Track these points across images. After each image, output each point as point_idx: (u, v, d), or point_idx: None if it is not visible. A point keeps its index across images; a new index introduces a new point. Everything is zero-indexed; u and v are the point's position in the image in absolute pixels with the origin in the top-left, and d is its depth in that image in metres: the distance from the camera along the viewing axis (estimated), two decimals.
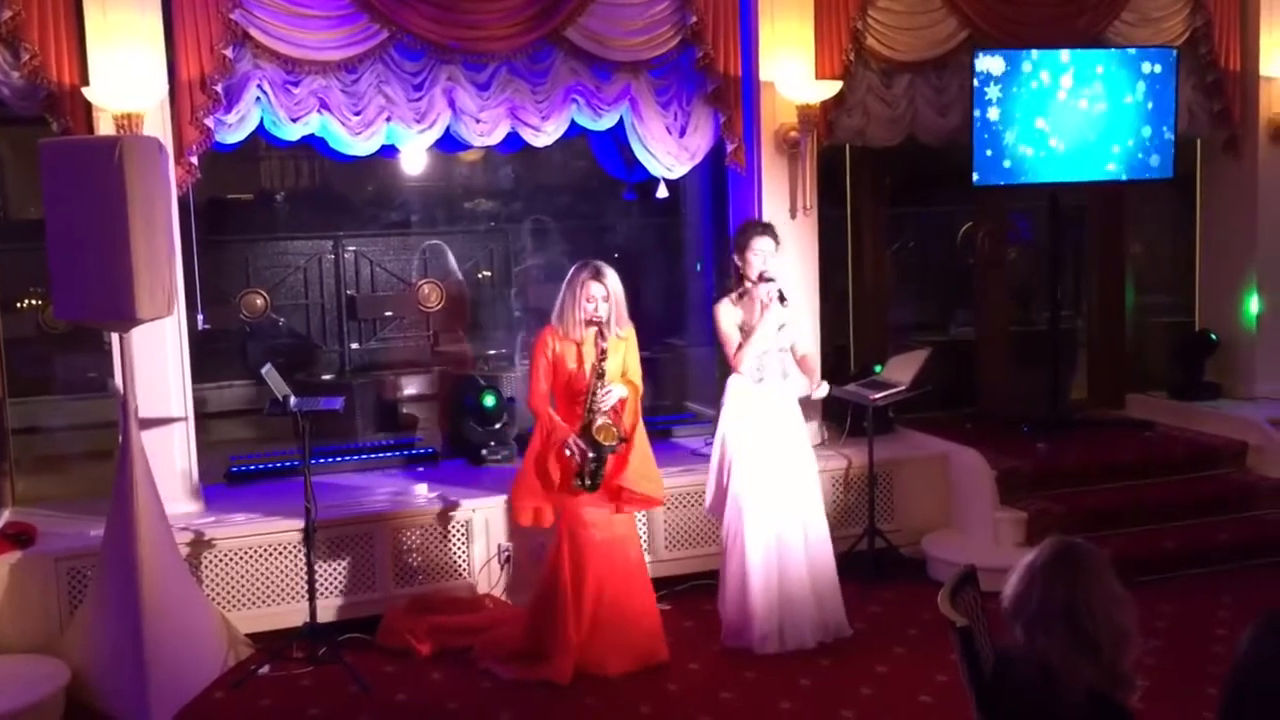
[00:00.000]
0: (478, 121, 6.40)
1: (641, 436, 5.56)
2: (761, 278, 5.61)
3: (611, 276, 5.41)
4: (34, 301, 7.96)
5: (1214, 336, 8.15)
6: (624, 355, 5.50)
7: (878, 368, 7.06)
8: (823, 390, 5.99)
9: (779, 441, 5.66)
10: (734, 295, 5.73)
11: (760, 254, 5.65)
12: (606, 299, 5.38)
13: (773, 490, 5.62)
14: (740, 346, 5.62)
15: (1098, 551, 2.83)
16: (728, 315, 5.68)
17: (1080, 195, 8.23)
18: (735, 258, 5.76)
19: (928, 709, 5.04)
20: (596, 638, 5.41)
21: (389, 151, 6.83)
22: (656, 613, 5.68)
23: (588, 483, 5.38)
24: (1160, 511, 6.86)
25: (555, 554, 5.49)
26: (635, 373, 5.57)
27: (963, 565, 3.40)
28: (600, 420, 5.36)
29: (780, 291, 5.58)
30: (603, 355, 5.37)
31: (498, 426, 7.03)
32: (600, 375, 5.37)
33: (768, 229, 5.81)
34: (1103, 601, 2.72)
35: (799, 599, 5.64)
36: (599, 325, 5.37)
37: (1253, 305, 7.76)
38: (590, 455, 5.35)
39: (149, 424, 5.77)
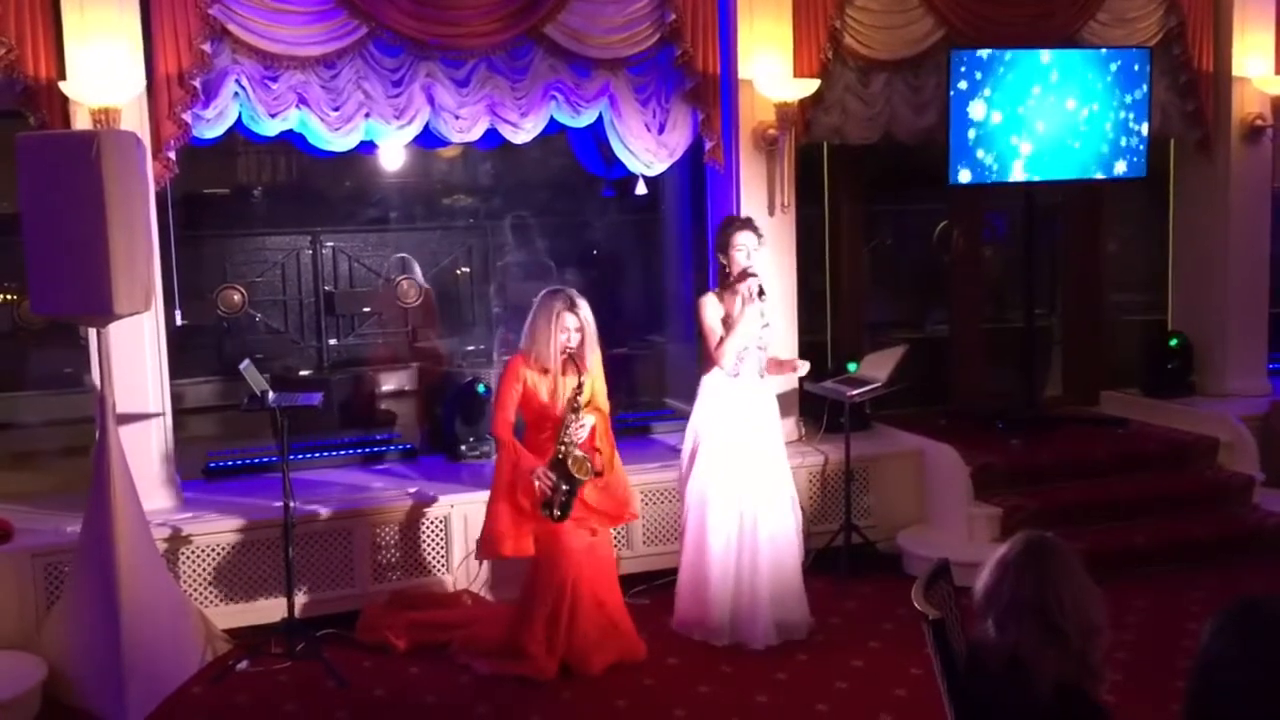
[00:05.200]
0: (457, 118, 6.41)
1: (616, 460, 5.65)
2: (745, 273, 5.65)
3: (584, 306, 5.43)
4: (10, 296, 7.91)
5: (1174, 341, 8.24)
6: (592, 382, 5.51)
7: (851, 366, 7.10)
8: (804, 368, 5.94)
9: (751, 437, 5.69)
10: (718, 290, 5.77)
11: (743, 249, 5.70)
12: (580, 329, 5.40)
13: (740, 484, 5.65)
14: (722, 340, 5.65)
15: (1067, 546, 2.87)
16: (711, 309, 5.71)
17: (1055, 194, 8.28)
18: (719, 255, 5.78)
19: (902, 702, 5.08)
20: (579, 637, 5.43)
21: (367, 147, 6.82)
22: (624, 608, 5.70)
23: (557, 514, 5.34)
24: (1133, 507, 6.93)
25: (535, 561, 5.50)
26: (603, 399, 5.61)
27: (937, 560, 3.44)
28: (576, 454, 5.35)
29: (760, 286, 5.62)
30: (579, 390, 5.39)
31: (481, 422, 7.04)
32: (575, 410, 5.39)
33: (748, 224, 5.84)
34: (1072, 595, 2.76)
35: (758, 596, 5.66)
36: (573, 355, 5.40)
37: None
38: (563, 488, 5.33)
39: (126, 420, 5.76)
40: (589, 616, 5.46)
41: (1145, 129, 7.59)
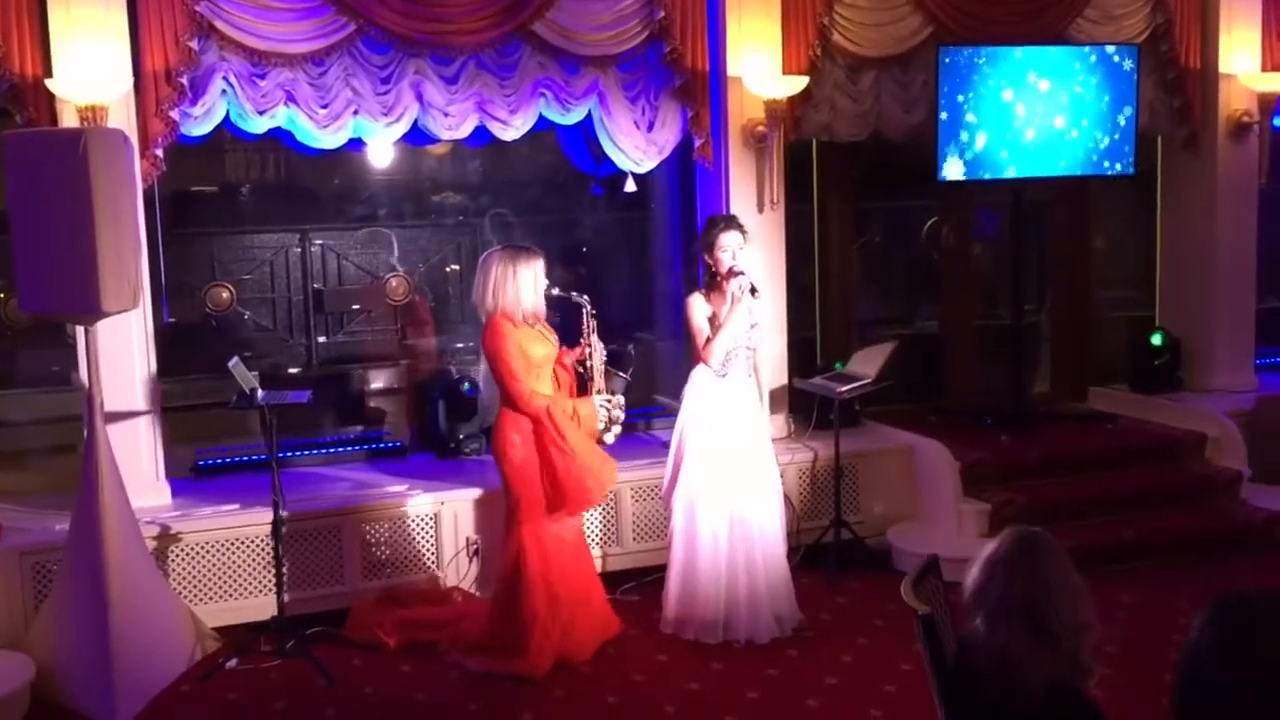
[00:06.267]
0: (446, 115, 6.40)
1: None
2: (731, 272, 5.66)
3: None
4: None
5: (1157, 337, 8.25)
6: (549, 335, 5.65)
7: (839, 364, 7.11)
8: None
9: (738, 436, 5.70)
10: (704, 290, 5.78)
11: (729, 249, 5.70)
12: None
13: (727, 483, 5.67)
14: (709, 340, 5.66)
15: (1055, 542, 2.88)
16: (699, 309, 5.72)
17: (1043, 190, 8.30)
18: (705, 256, 5.79)
19: (892, 698, 5.10)
20: (572, 625, 5.46)
21: (356, 145, 6.81)
22: (600, 584, 5.77)
23: (616, 429, 5.62)
24: (1121, 503, 6.96)
25: (518, 547, 5.46)
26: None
27: (927, 556, 3.45)
28: (606, 369, 5.62)
29: (752, 284, 5.63)
30: (591, 318, 5.56)
31: (471, 419, 7.04)
32: (591, 343, 5.59)
33: (733, 223, 5.83)
34: (1061, 592, 2.77)
35: (753, 593, 5.68)
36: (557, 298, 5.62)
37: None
38: (621, 400, 5.63)
39: (114, 418, 5.75)
40: (578, 602, 5.51)
41: (1133, 126, 7.62)
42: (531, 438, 5.40)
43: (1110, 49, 7.53)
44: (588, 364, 5.62)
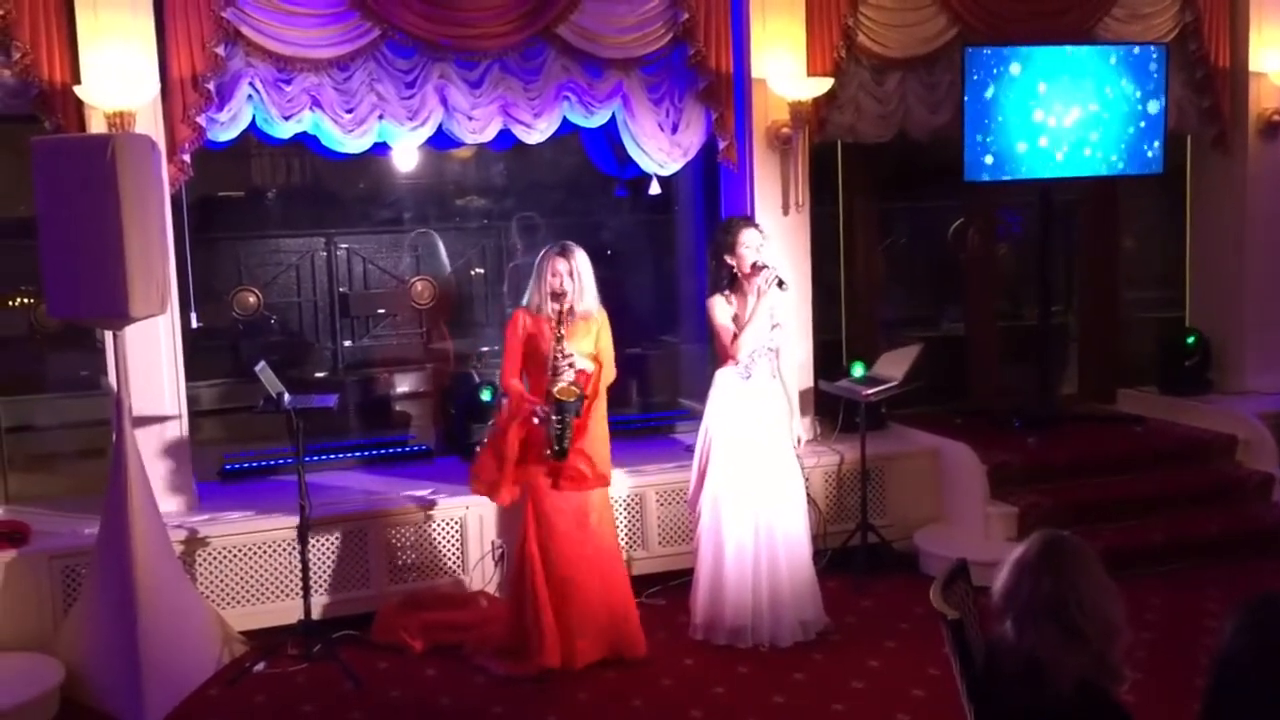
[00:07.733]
0: (470, 119, 6.41)
1: (597, 418, 5.55)
2: (755, 267, 5.65)
3: (578, 255, 5.49)
4: (26, 300, 7.95)
5: (1191, 339, 8.17)
6: (595, 336, 5.55)
7: (856, 366, 7.07)
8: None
9: (762, 439, 5.69)
10: (726, 291, 5.76)
11: (750, 245, 5.70)
12: (571, 274, 5.44)
13: (752, 486, 5.65)
14: (736, 335, 5.66)
15: (1085, 544, 2.85)
16: (721, 308, 5.71)
17: (1071, 191, 8.25)
18: (725, 257, 5.75)
19: (919, 702, 5.07)
20: (565, 626, 5.43)
21: (381, 149, 6.82)
22: (631, 603, 5.68)
23: (555, 448, 5.35)
24: (1150, 505, 6.90)
25: (523, 543, 5.50)
26: (606, 354, 5.62)
27: (954, 559, 3.43)
28: (561, 382, 5.36)
29: (779, 277, 5.61)
30: (560, 319, 5.40)
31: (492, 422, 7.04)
32: (559, 339, 5.40)
33: (750, 221, 5.89)
34: (1091, 594, 2.74)
35: (776, 596, 5.67)
36: (564, 298, 5.42)
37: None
38: (555, 418, 5.33)
39: (143, 422, 5.78)
40: (578, 605, 5.45)
41: (1161, 125, 7.56)
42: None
43: (1138, 48, 7.47)
44: (555, 363, 5.39)
